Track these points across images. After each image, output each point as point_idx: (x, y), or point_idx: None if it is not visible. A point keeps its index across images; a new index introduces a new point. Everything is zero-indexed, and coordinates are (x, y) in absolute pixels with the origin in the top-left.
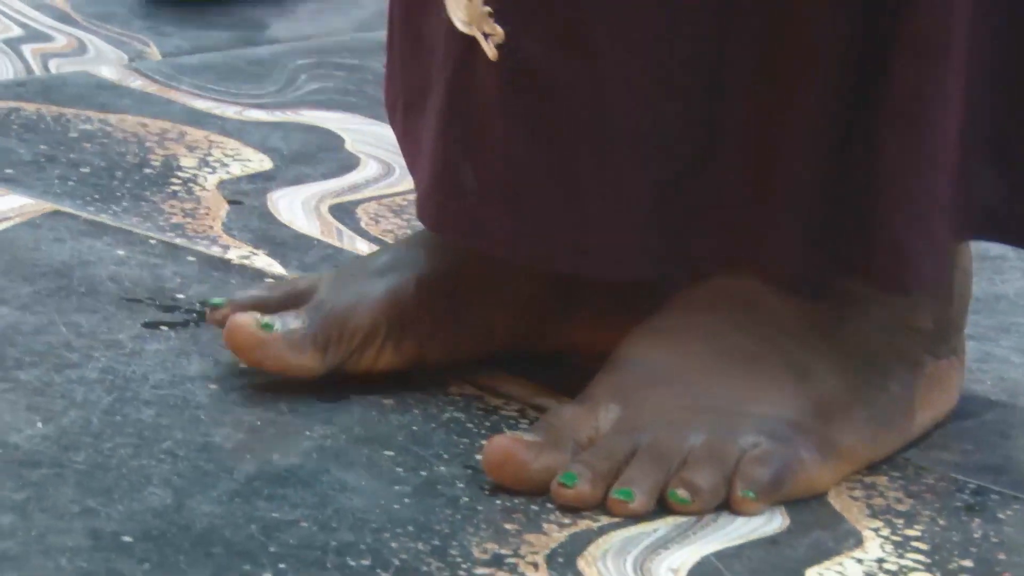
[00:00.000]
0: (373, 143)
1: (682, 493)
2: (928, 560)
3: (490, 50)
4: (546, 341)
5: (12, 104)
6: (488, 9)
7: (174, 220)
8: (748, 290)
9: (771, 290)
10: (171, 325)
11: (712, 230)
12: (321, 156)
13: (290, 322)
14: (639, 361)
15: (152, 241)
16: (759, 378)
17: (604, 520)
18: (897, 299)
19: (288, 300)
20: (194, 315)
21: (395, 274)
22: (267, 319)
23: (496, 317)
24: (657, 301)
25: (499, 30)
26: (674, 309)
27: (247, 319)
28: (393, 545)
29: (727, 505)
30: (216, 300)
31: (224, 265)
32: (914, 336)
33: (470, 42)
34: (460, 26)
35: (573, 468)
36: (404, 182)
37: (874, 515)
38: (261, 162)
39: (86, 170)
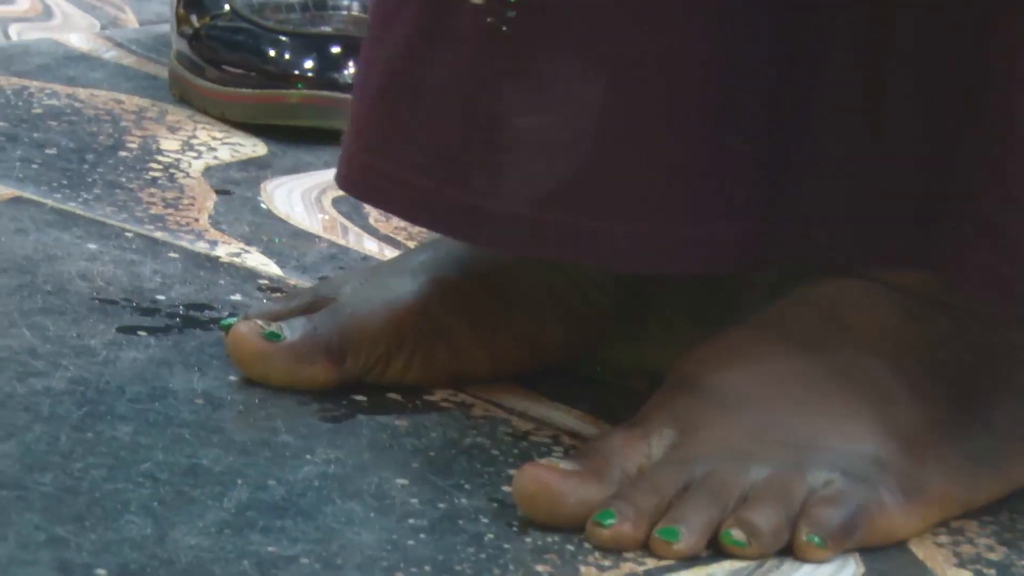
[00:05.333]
0: None
1: (737, 534)
2: None
3: None
4: (607, 357)
5: None
6: None
7: (153, 211)
8: (832, 304)
9: (858, 304)
10: (151, 331)
11: (814, 217)
12: (323, 141)
13: (299, 329)
14: (702, 382)
15: (128, 234)
16: (838, 406)
17: (650, 563)
18: (998, 316)
19: (307, 309)
20: (177, 319)
21: (431, 274)
22: (273, 327)
23: (548, 326)
24: (738, 311)
25: None
26: (747, 324)
27: (250, 327)
28: None
29: (791, 550)
30: (227, 321)
31: (211, 263)
32: (1022, 359)
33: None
34: None
35: (612, 505)
36: None
37: (962, 564)
38: (254, 147)
39: (52, 152)
